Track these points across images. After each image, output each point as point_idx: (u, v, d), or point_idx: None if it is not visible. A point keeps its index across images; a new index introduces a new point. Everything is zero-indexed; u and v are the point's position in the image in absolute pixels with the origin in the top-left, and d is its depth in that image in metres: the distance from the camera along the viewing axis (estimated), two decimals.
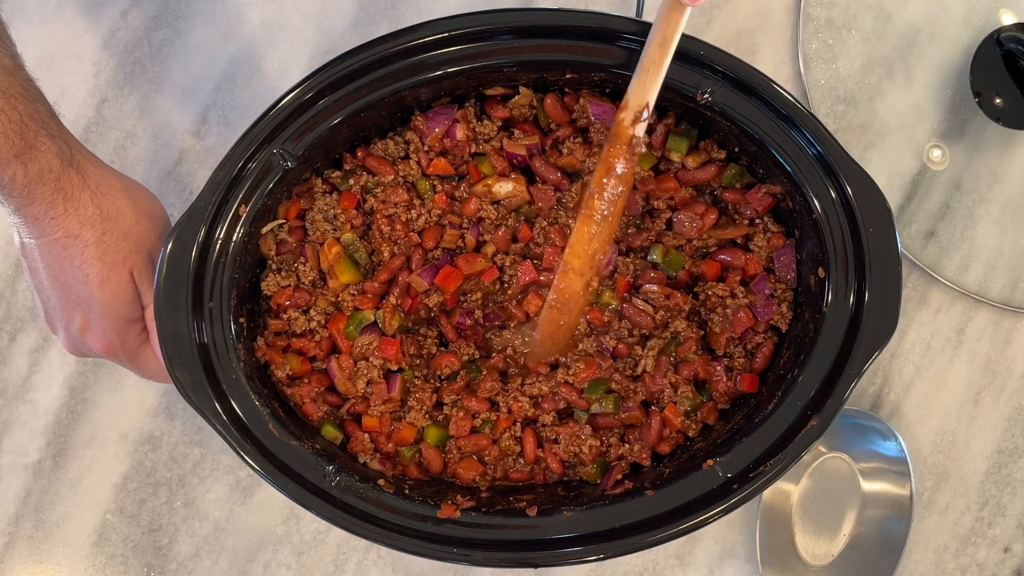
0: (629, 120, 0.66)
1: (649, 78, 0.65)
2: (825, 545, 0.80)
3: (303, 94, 0.65)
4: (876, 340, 0.64)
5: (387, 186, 0.71)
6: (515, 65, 0.67)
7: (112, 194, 0.66)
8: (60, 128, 0.64)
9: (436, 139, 0.70)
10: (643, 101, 0.66)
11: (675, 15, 0.62)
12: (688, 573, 0.81)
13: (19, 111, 0.60)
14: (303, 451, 0.65)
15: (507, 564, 0.65)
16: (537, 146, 0.71)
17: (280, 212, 0.70)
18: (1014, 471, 0.82)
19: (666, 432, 0.70)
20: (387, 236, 0.71)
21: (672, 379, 0.70)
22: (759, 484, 0.64)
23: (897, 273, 0.64)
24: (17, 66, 0.62)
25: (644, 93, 0.65)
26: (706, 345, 0.72)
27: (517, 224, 0.72)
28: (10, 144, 0.60)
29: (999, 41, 0.79)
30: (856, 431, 0.80)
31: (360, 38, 0.81)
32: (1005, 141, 0.81)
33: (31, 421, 0.80)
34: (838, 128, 0.81)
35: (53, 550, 0.80)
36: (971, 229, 0.82)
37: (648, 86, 0.65)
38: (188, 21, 0.82)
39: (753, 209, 0.70)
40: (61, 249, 0.64)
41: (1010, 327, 0.83)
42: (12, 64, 0.61)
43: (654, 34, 0.63)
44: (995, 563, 0.82)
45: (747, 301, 0.70)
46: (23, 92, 0.61)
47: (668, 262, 0.71)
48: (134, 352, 0.69)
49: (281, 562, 0.80)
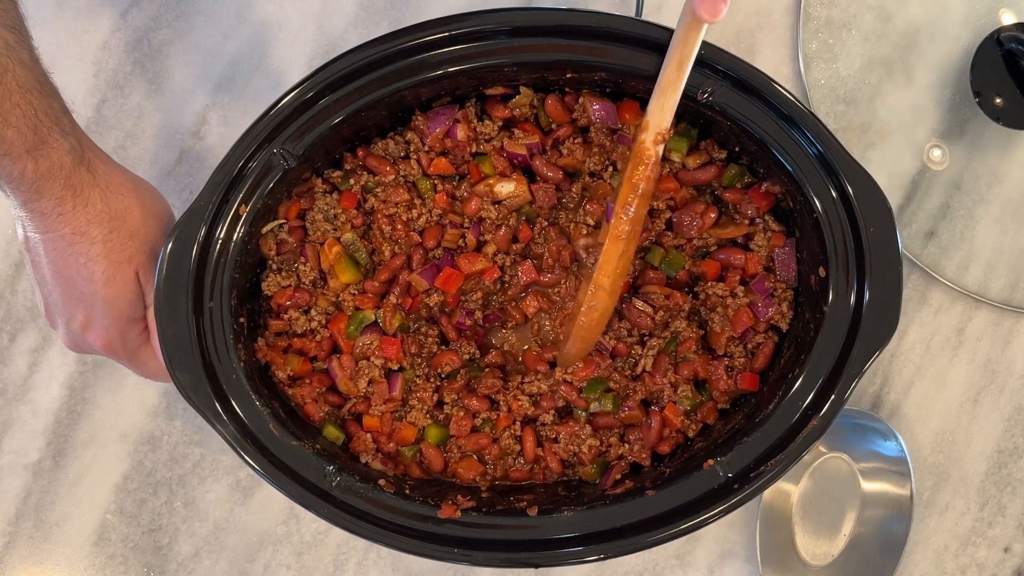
0: (651, 140, 0.67)
1: (667, 98, 0.65)
2: (825, 545, 0.80)
3: (303, 94, 0.65)
4: (876, 340, 0.64)
5: (388, 186, 0.71)
6: (515, 65, 0.67)
7: (121, 193, 0.66)
8: (73, 124, 0.64)
9: (437, 139, 0.70)
10: (664, 122, 0.66)
11: (693, 35, 0.62)
12: (688, 573, 0.81)
13: (34, 106, 0.60)
14: (303, 451, 0.65)
15: (507, 564, 0.65)
16: (538, 145, 0.71)
17: (280, 212, 0.70)
18: (1014, 471, 0.82)
19: (666, 432, 0.70)
20: (388, 236, 0.71)
21: (672, 379, 0.70)
22: (759, 484, 0.64)
23: (897, 273, 0.64)
24: (34, 60, 0.62)
25: (664, 113, 0.66)
26: (706, 345, 0.72)
27: (518, 224, 0.72)
28: (23, 139, 0.60)
29: (999, 41, 0.79)
30: (856, 431, 0.80)
31: (360, 38, 0.81)
32: (1005, 141, 0.81)
33: (31, 421, 0.80)
34: (838, 128, 0.81)
35: (53, 550, 0.80)
36: (971, 229, 0.82)
37: (667, 106, 0.66)
38: (188, 21, 0.82)
39: (754, 208, 0.70)
40: (67, 245, 0.64)
41: (1010, 327, 0.83)
42: (29, 58, 0.61)
43: (671, 55, 0.63)
44: (995, 563, 0.82)
45: (747, 300, 0.70)
46: (39, 87, 0.61)
47: (668, 262, 0.71)
48: (134, 351, 0.69)
49: (281, 562, 0.80)
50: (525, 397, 0.71)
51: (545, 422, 0.71)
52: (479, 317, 0.72)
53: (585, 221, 0.71)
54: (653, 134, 0.67)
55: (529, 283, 0.71)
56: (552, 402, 0.71)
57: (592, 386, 0.70)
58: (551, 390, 0.71)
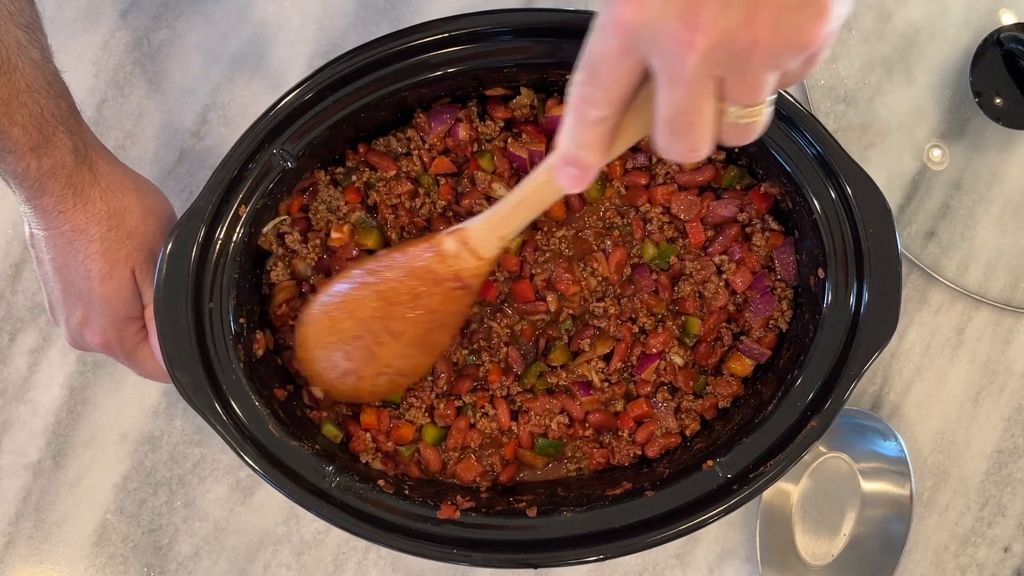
0: (464, 253, 0.61)
1: (503, 225, 0.60)
2: (825, 545, 0.80)
3: (303, 94, 0.65)
4: (876, 340, 0.64)
5: (390, 180, 0.71)
6: (515, 66, 0.67)
7: (122, 192, 0.66)
8: (79, 124, 0.65)
9: (438, 137, 0.71)
10: (487, 249, 0.61)
11: (547, 194, 0.57)
12: (688, 573, 0.81)
13: (40, 106, 0.61)
14: (303, 451, 0.65)
15: (507, 564, 0.65)
16: (540, 153, 0.71)
17: (281, 210, 0.70)
18: (1014, 471, 0.82)
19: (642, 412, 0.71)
20: (392, 224, 0.71)
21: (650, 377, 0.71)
22: (759, 484, 0.64)
23: (897, 273, 0.64)
24: (45, 59, 0.62)
25: (491, 237, 0.60)
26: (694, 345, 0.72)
27: None
28: (28, 137, 0.60)
29: (999, 41, 0.79)
30: (856, 431, 0.80)
31: (360, 38, 0.81)
32: (1005, 141, 0.81)
33: (31, 421, 0.80)
34: (838, 128, 0.81)
35: (53, 550, 0.80)
36: (971, 229, 0.82)
37: (501, 231, 0.60)
38: (188, 21, 0.82)
39: (753, 209, 0.71)
40: (67, 243, 0.65)
41: (1010, 327, 0.83)
42: (40, 57, 0.62)
43: (521, 190, 0.58)
44: (995, 563, 0.82)
45: (735, 266, 0.71)
46: (47, 87, 0.62)
47: (660, 254, 0.71)
48: (131, 350, 0.69)
49: (281, 562, 0.80)
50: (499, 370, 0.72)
51: (517, 400, 0.72)
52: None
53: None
54: (466, 249, 0.61)
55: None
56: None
57: (544, 446, 0.72)
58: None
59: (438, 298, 0.62)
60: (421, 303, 0.62)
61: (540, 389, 0.72)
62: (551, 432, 0.71)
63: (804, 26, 0.40)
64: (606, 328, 0.71)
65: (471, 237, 0.61)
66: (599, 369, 0.71)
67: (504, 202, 0.59)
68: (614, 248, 0.71)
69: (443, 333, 0.65)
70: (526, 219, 0.59)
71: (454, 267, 0.61)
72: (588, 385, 0.71)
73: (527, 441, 0.72)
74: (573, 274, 0.71)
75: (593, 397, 0.71)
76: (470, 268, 0.61)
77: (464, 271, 0.61)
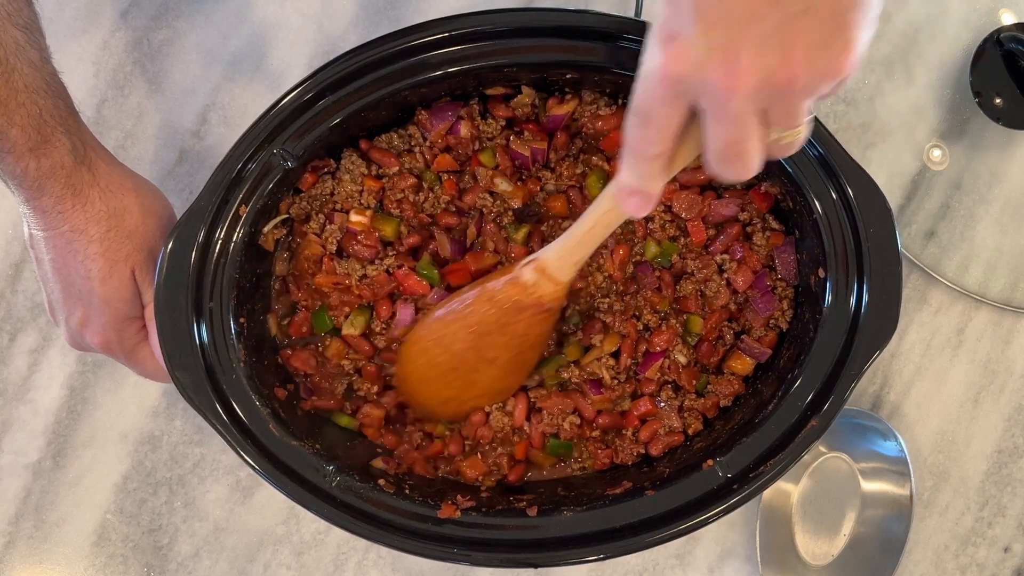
0: (543, 284, 0.66)
1: (576, 252, 0.64)
2: (825, 545, 0.80)
3: (303, 94, 0.65)
4: (876, 340, 0.64)
5: (392, 176, 0.71)
6: (515, 65, 0.67)
7: (121, 192, 0.66)
8: (78, 125, 0.65)
9: (440, 134, 0.71)
10: (564, 274, 0.65)
11: (613, 217, 0.60)
12: (688, 573, 0.81)
13: (39, 106, 0.61)
14: (303, 451, 0.65)
15: (507, 564, 0.65)
16: (543, 151, 0.71)
17: (282, 209, 0.70)
18: (1014, 471, 0.82)
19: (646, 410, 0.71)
20: (399, 217, 0.71)
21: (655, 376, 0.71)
22: (759, 484, 0.64)
23: (897, 273, 0.64)
24: (44, 60, 0.63)
25: (564, 264, 0.65)
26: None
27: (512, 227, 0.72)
28: (26, 138, 0.61)
29: (999, 41, 0.79)
30: (856, 431, 0.80)
31: (360, 38, 0.81)
32: (1005, 141, 0.81)
33: (31, 421, 0.80)
34: (838, 128, 0.81)
35: (53, 550, 0.80)
36: (971, 229, 0.82)
37: (574, 257, 0.64)
38: (188, 21, 0.82)
39: (754, 209, 0.71)
40: (66, 243, 0.65)
41: (1010, 327, 0.83)
42: (39, 58, 0.62)
43: (589, 216, 0.61)
44: (995, 563, 0.82)
45: (736, 266, 0.71)
46: (46, 87, 0.62)
47: (662, 252, 0.71)
48: (131, 350, 0.69)
49: (281, 562, 0.80)
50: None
51: (536, 396, 0.72)
52: None
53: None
54: (543, 276, 0.65)
55: None
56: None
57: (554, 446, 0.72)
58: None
59: (524, 324, 0.67)
60: (509, 330, 0.67)
61: (552, 384, 0.72)
62: (563, 432, 0.71)
63: (835, 58, 0.43)
64: (611, 323, 0.71)
65: (548, 266, 0.65)
66: (609, 366, 0.71)
67: (574, 230, 0.63)
68: (616, 245, 0.71)
69: (532, 353, 0.70)
70: (595, 243, 0.63)
71: (535, 294, 0.66)
72: (599, 383, 0.71)
73: (539, 441, 0.72)
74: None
75: (604, 396, 0.71)
76: (550, 293, 0.66)
77: (545, 296, 0.66)
